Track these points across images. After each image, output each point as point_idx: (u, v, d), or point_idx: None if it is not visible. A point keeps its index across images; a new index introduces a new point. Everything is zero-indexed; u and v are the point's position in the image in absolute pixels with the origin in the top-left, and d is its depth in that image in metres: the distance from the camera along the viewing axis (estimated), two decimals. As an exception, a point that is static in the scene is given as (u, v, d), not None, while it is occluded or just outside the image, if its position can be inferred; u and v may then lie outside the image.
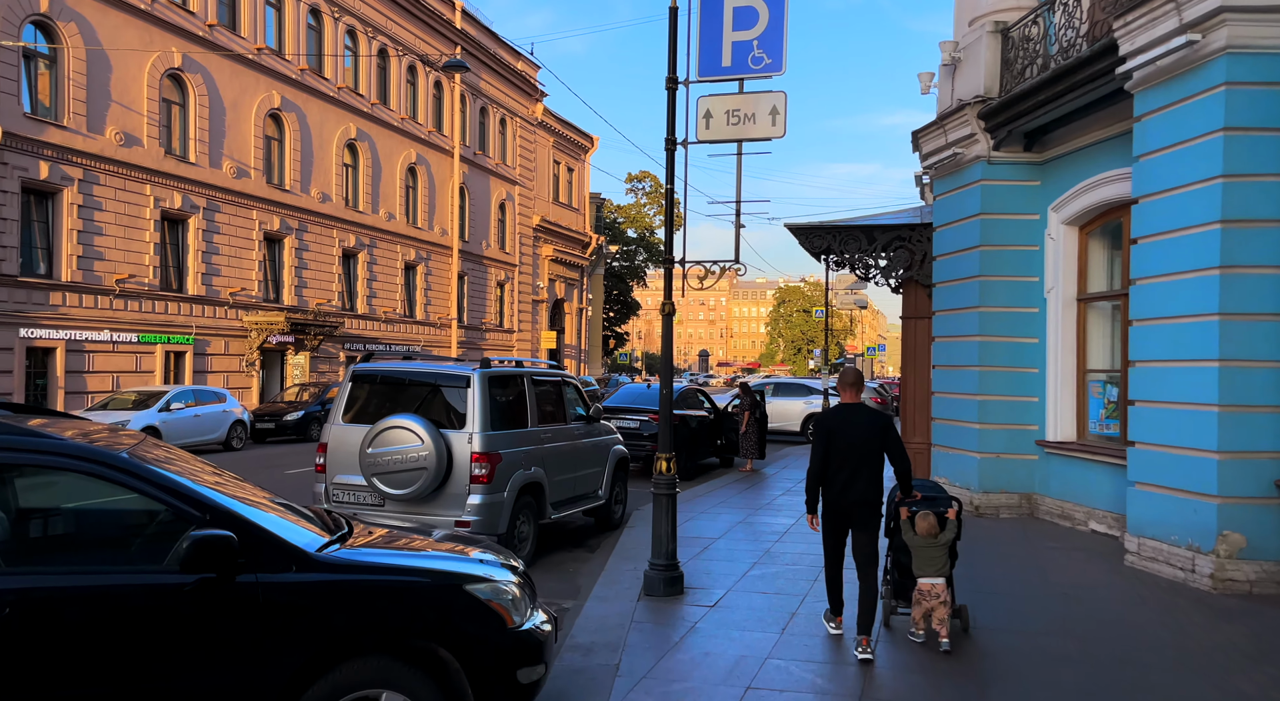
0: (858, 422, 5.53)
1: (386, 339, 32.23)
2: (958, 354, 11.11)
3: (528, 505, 8.01)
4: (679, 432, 14.52)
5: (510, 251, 41.52)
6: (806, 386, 22.79)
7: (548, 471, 8.37)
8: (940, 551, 5.57)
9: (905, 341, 13.25)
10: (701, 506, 11.32)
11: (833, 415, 5.68)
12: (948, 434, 11.32)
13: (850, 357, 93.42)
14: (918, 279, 12.67)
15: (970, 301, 10.79)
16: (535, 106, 43.35)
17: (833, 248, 13.06)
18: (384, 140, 31.95)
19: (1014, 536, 9.38)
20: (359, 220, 30.64)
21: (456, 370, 7.67)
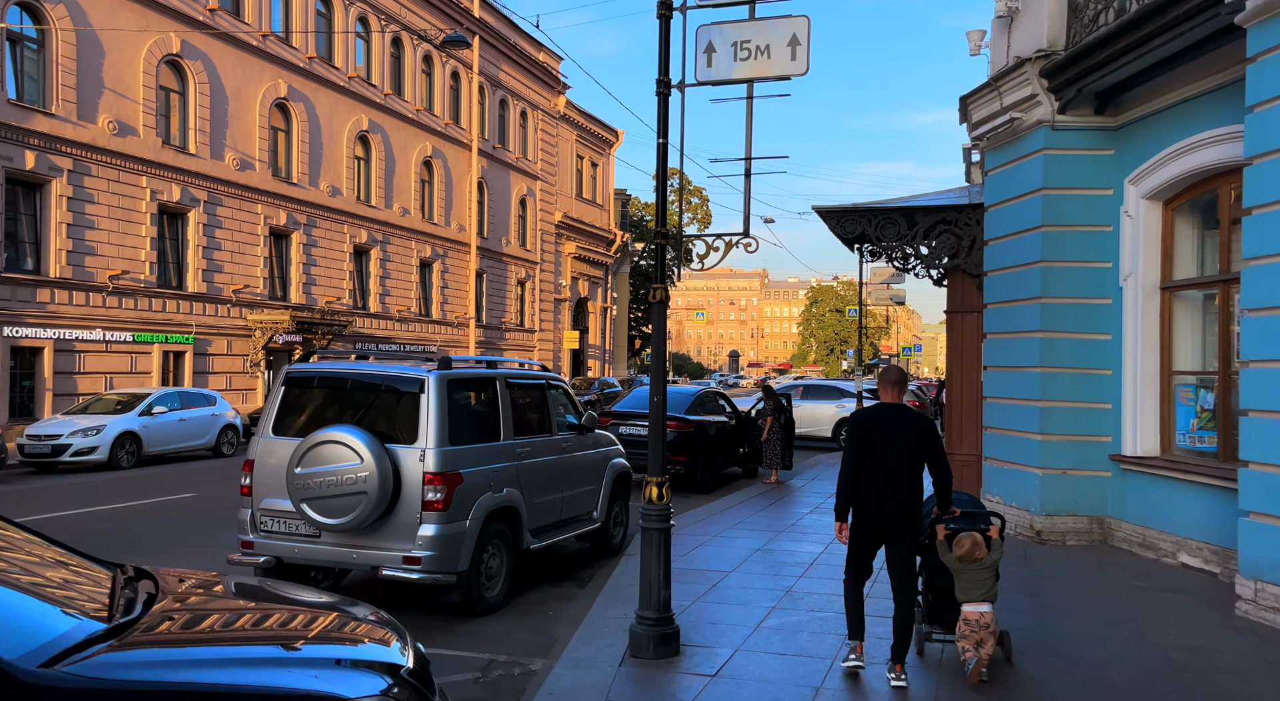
0: (898, 425, 4.98)
1: (400, 338, 31.15)
2: (1015, 353, 9.56)
3: (498, 534, 6.64)
4: (695, 440, 13.10)
5: (531, 249, 40.34)
6: (839, 389, 21.23)
7: (526, 492, 7.00)
8: (988, 574, 5.00)
9: (951, 339, 11.70)
10: (715, 528, 9.88)
11: (871, 414, 5.11)
12: (1002, 446, 9.77)
13: (885, 358, 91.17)
14: (965, 268, 11.12)
15: (1030, 292, 9.24)
16: (557, 99, 42.14)
17: (867, 233, 11.55)
18: (398, 132, 30.88)
19: (1087, 571, 7.83)
20: (371, 215, 29.59)
21: (408, 372, 6.32)
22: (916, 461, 4.97)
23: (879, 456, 4.94)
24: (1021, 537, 9.23)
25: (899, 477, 4.93)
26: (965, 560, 4.98)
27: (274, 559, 6.21)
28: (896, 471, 4.92)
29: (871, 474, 4.95)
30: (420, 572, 5.94)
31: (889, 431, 4.97)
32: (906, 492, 4.94)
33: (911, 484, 4.96)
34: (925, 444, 4.97)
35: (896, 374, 5.26)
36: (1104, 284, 9.01)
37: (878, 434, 4.98)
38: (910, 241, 11.38)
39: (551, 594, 7.27)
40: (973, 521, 5.25)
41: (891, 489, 4.92)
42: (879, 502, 4.95)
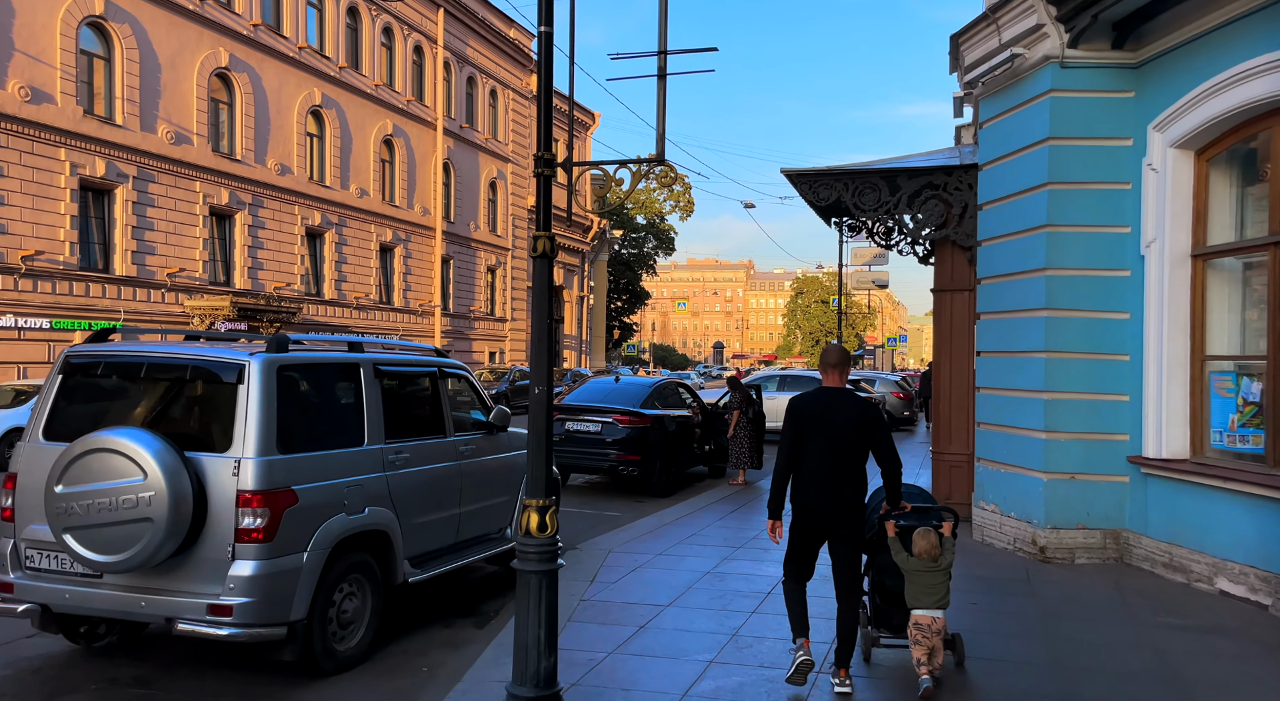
0: (841, 412, 4.55)
1: (359, 327, 29.48)
2: (1014, 335, 8.10)
3: (358, 567, 5.12)
4: (651, 437, 11.62)
5: (502, 234, 38.69)
6: (818, 380, 19.77)
7: (404, 511, 5.48)
8: (942, 577, 4.66)
9: (938, 321, 10.24)
10: (661, 543, 8.39)
11: (810, 400, 4.64)
12: (999, 445, 8.33)
13: (870, 349, 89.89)
14: (955, 239, 9.65)
15: (1033, 262, 7.78)
16: (530, 77, 40.39)
17: (844, 201, 10.05)
18: (355, 108, 29.13)
19: (1106, 602, 6.39)
20: (326, 196, 27.87)
21: (223, 355, 4.77)
22: (860, 452, 4.55)
23: (819, 447, 4.52)
24: (1022, 554, 7.79)
25: (841, 470, 4.51)
26: (923, 559, 4.61)
27: (39, 606, 4.66)
28: (838, 463, 4.51)
29: (811, 466, 4.53)
30: (232, 627, 4.41)
31: (830, 419, 4.52)
32: (849, 487, 4.53)
33: (854, 477, 4.55)
34: (870, 433, 4.54)
35: (837, 354, 4.74)
36: (1122, 252, 7.55)
37: (817, 422, 4.53)
38: (892, 209, 9.89)
39: (438, 638, 5.75)
40: (924, 517, 4.85)
41: (832, 483, 4.51)
42: (819, 498, 4.53)
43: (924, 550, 4.63)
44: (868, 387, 20.78)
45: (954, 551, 4.74)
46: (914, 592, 4.63)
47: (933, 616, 4.56)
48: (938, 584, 4.61)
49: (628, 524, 9.58)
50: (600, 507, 10.93)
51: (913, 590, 4.63)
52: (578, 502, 11.28)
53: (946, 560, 4.66)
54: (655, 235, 64.80)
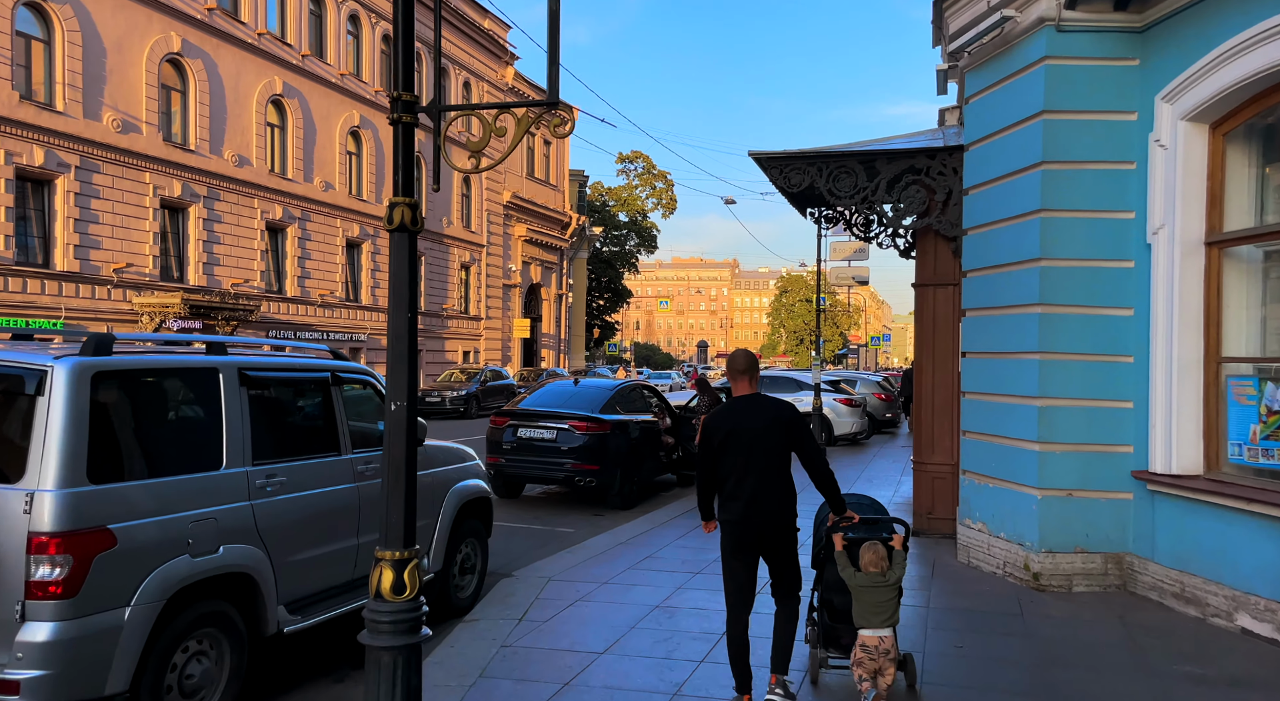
0: (756, 419, 4.31)
1: (323, 325, 28.42)
2: (1004, 334, 7.23)
3: (213, 618, 4.18)
4: (611, 445, 10.71)
5: (477, 230, 37.68)
6: (795, 380, 18.94)
7: (277, 546, 4.54)
8: (889, 594, 4.34)
9: (920, 319, 9.37)
10: (612, 567, 7.47)
11: (721, 415, 4.41)
12: (987, 456, 7.46)
13: (854, 348, 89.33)
14: (938, 229, 8.79)
15: (1025, 252, 6.92)
16: (505, 70, 39.42)
17: (818, 187, 9.16)
18: (319, 98, 28.06)
19: (1112, 640, 5.52)
20: (288, 189, 26.79)
21: (22, 359, 3.81)
22: (782, 459, 4.31)
23: (737, 461, 4.29)
24: (1014, 580, 6.93)
25: (763, 482, 4.27)
26: (870, 574, 4.35)
27: None
28: (760, 475, 4.27)
29: (733, 482, 4.31)
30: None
31: (745, 429, 4.29)
32: (773, 499, 4.29)
33: (780, 487, 4.30)
34: (790, 438, 4.31)
35: (744, 359, 4.51)
36: (1125, 240, 6.70)
37: (731, 435, 4.30)
38: (870, 196, 9.00)
39: (323, 698, 4.81)
40: (874, 529, 4.60)
41: (756, 497, 4.27)
42: (745, 512, 4.28)
43: (871, 564, 4.35)
44: (848, 388, 19.96)
45: (904, 566, 4.44)
46: (861, 610, 4.33)
47: (879, 636, 4.26)
48: (886, 601, 4.31)
49: (579, 543, 8.67)
50: (552, 522, 10.01)
51: (859, 608, 4.34)
52: (529, 516, 10.36)
53: (895, 575, 4.37)
54: (637, 232, 63.90)
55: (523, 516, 10.34)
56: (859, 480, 13.63)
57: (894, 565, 4.39)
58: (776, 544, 4.34)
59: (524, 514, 10.53)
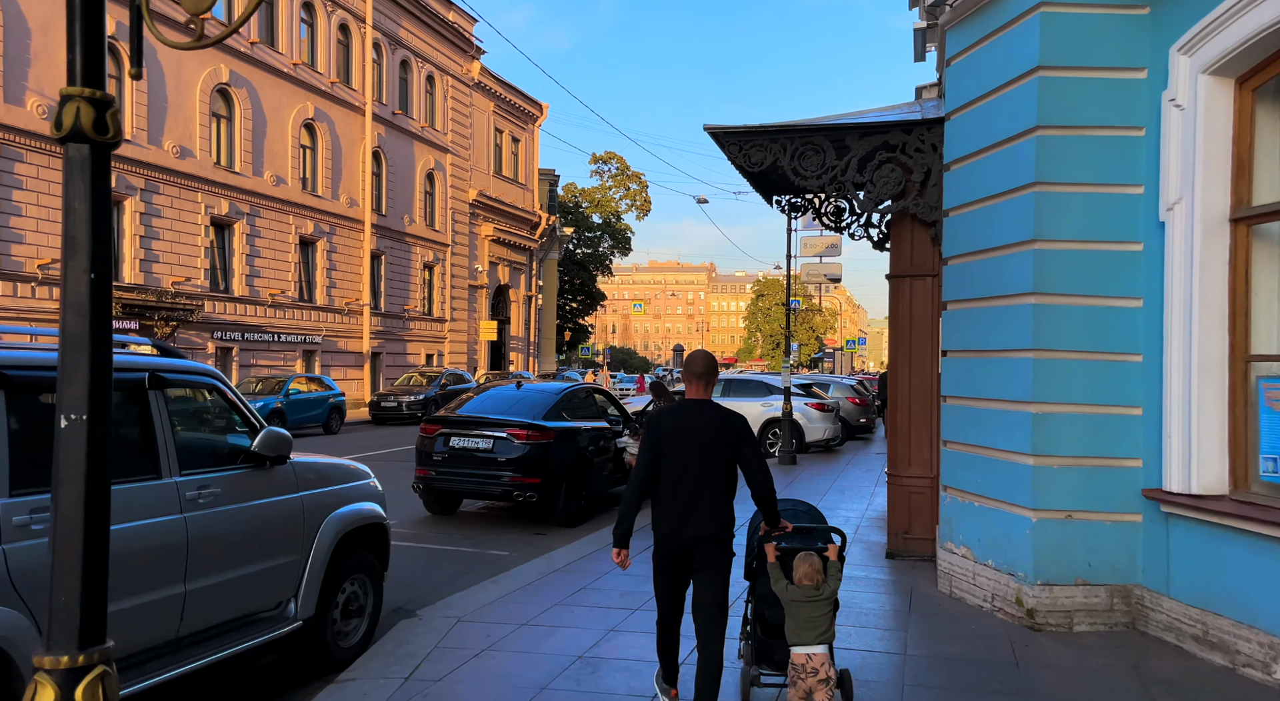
0: (701, 425, 4.06)
1: (275, 326, 27.09)
2: (992, 329, 6.24)
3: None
4: (555, 455, 9.63)
5: (441, 229, 36.42)
6: (765, 384, 17.94)
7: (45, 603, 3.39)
8: (823, 608, 4.05)
9: (895, 314, 8.38)
10: (538, 602, 6.38)
11: (669, 415, 4.13)
12: (971, 470, 6.46)
13: (829, 352, 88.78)
14: (915, 213, 7.81)
15: (1017, 232, 5.93)
16: (471, 64, 38.23)
17: (781, 165, 8.15)
18: (269, 88, 26.74)
19: (1122, 695, 4.52)
20: (235, 183, 25.44)
21: None
22: (725, 472, 4.06)
23: (676, 467, 4.01)
24: (1004, 616, 5.93)
25: (702, 494, 4.01)
26: (804, 587, 4.06)
27: None
28: (698, 486, 4.00)
29: (668, 489, 4.02)
30: None
31: (690, 434, 4.03)
32: (711, 513, 4.02)
33: (718, 502, 4.04)
34: (735, 449, 4.04)
35: (703, 362, 4.24)
36: (1133, 218, 5.73)
37: (676, 438, 4.03)
38: (840, 176, 8.00)
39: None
40: (808, 539, 4.37)
41: (693, 509, 3.99)
42: (677, 526, 4.00)
43: (805, 576, 4.09)
44: (821, 393, 19.00)
45: (840, 578, 4.17)
46: (793, 626, 4.07)
47: (809, 653, 4.00)
48: (820, 616, 4.06)
49: (510, 569, 7.58)
50: (486, 544, 8.90)
51: (791, 623, 4.08)
52: (461, 536, 9.25)
53: (830, 588, 4.11)
54: (611, 234, 62.90)
55: (453, 536, 9.23)
56: (830, 490, 12.64)
57: (829, 577, 4.10)
58: (709, 561, 4.04)
59: (456, 533, 9.41)
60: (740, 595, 4.95)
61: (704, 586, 4.05)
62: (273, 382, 21.44)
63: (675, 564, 4.07)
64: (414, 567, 7.81)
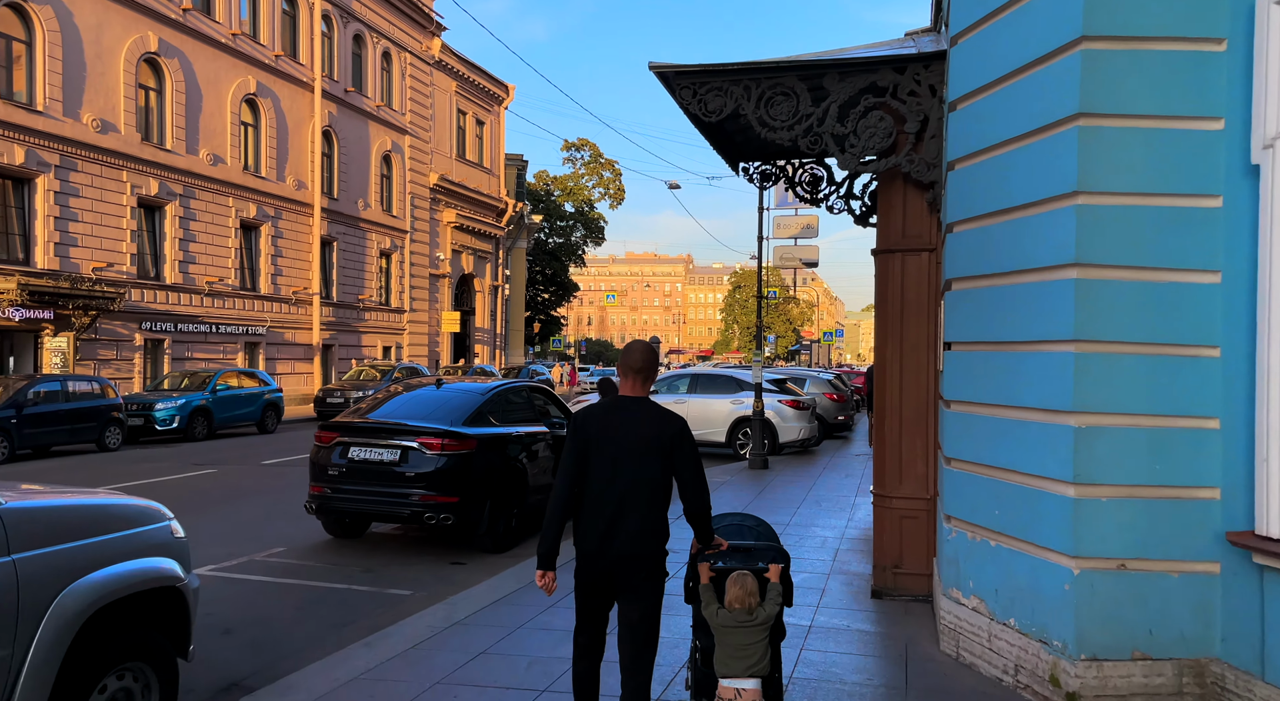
0: (634, 427, 3.62)
1: (213, 317, 25.24)
2: (1014, 314, 4.73)
3: None
4: (476, 466, 8.07)
5: (399, 214, 34.62)
6: (736, 379, 16.44)
7: None
8: (756, 636, 3.65)
9: (882, 298, 6.87)
10: (421, 676, 4.80)
11: (595, 415, 3.69)
12: (986, 499, 4.95)
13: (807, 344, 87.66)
14: (909, 171, 6.30)
15: (1052, 184, 4.42)
16: (431, 41, 36.38)
17: (744, 112, 6.60)
18: (205, 61, 24.81)
19: None
20: (166, 161, 23.54)
21: None
22: (658, 482, 3.60)
23: (602, 474, 3.56)
24: (1033, 697, 4.44)
25: (630, 506, 3.55)
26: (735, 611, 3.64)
27: None
28: (627, 497, 3.54)
29: (593, 500, 3.58)
30: None
31: (620, 438, 3.58)
32: (641, 528, 3.57)
33: (648, 515, 3.58)
34: (670, 456, 3.59)
35: (641, 356, 3.71)
36: (1210, 163, 4.24)
37: (604, 442, 3.58)
38: (816, 127, 6.45)
39: None
40: (748, 558, 3.88)
41: (620, 523, 3.54)
42: (601, 542, 3.56)
43: (736, 599, 3.65)
44: (795, 388, 17.54)
45: (779, 603, 3.69)
46: (723, 655, 3.64)
47: (739, 688, 3.58)
48: (753, 644, 3.62)
49: (407, 616, 6.03)
50: (387, 578, 7.32)
51: (721, 652, 3.65)
52: (359, 568, 7.66)
53: (765, 613, 3.64)
54: (584, 224, 61.26)
55: (348, 569, 7.63)
56: (805, 501, 11.17)
57: (765, 601, 3.72)
58: (638, 583, 3.60)
59: (353, 564, 7.82)
60: None
61: (631, 612, 3.64)
62: (200, 378, 19.66)
63: (599, 585, 3.65)
64: (281, 617, 6.22)
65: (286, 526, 9.11)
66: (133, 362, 22.49)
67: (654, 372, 3.81)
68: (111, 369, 21.73)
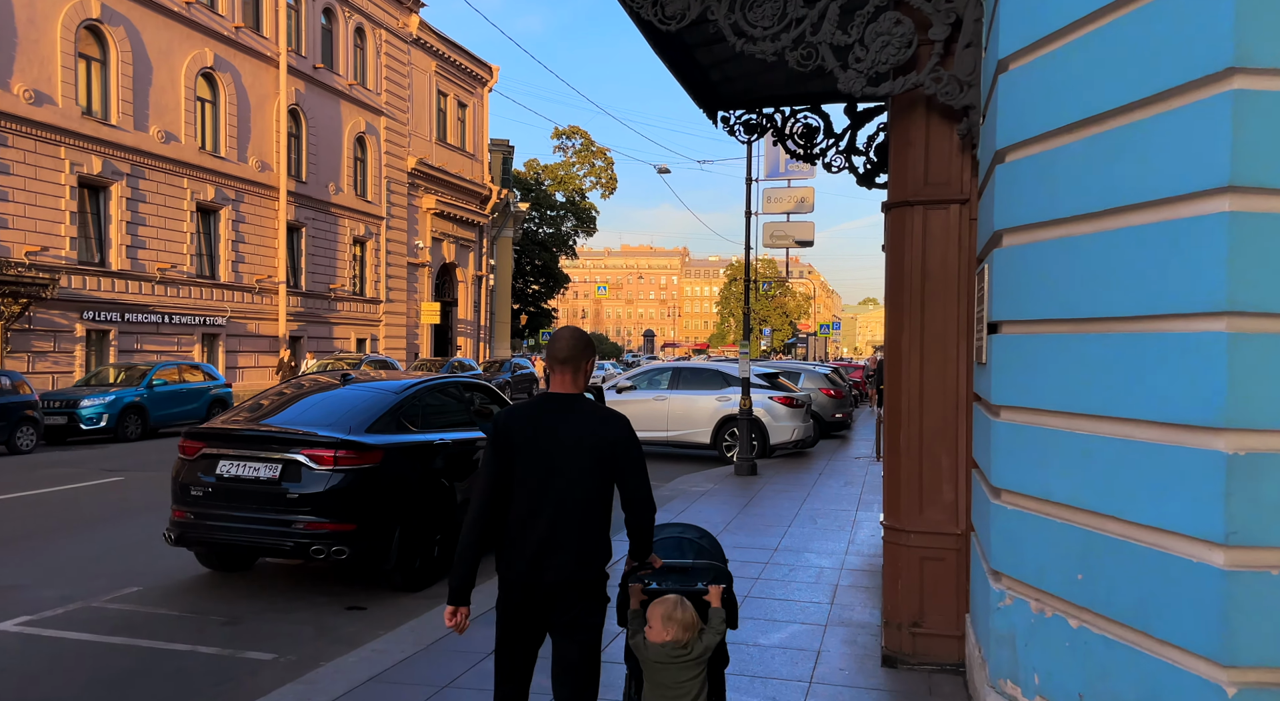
0: (568, 428, 3.03)
1: (164, 306, 23.52)
2: (1113, 275, 3.05)
3: None
4: (380, 485, 6.38)
5: (374, 200, 32.89)
6: (723, 374, 14.78)
7: None
8: (690, 671, 3.11)
9: (896, 267, 5.19)
10: None
11: (520, 416, 3.08)
12: (1068, 556, 3.29)
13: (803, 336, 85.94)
14: (935, 93, 4.62)
15: (1195, 60, 2.73)
16: (408, 18, 34.60)
17: (713, 14, 4.93)
18: (155, 30, 23.05)
19: None
20: (111, 138, 21.80)
21: None
22: (598, 494, 3.02)
23: (531, 487, 2.97)
24: None
25: (566, 524, 2.98)
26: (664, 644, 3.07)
27: None
28: (561, 514, 2.97)
29: (521, 519, 2.98)
30: None
31: (551, 442, 3.00)
32: (578, 550, 2.99)
33: (588, 534, 3.01)
34: (611, 461, 3.02)
35: (569, 343, 3.12)
36: None
37: (532, 447, 2.99)
38: (809, 37, 4.78)
39: None
40: (686, 579, 3.33)
41: (553, 544, 2.96)
42: (532, 569, 2.96)
43: (664, 629, 3.08)
44: (789, 384, 15.88)
45: (720, 632, 3.15)
46: (652, 695, 3.13)
47: None
48: (687, 682, 3.07)
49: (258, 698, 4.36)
50: (253, 635, 5.65)
51: (651, 691, 3.14)
52: (220, 617, 5.99)
53: (702, 646, 3.09)
54: (575, 214, 59.59)
55: (208, 619, 5.95)
56: (798, 518, 9.52)
57: (707, 631, 3.11)
58: (574, 615, 3.00)
59: (221, 610, 6.15)
60: None
61: (569, 650, 3.04)
62: (137, 372, 17.97)
63: (528, 619, 3.02)
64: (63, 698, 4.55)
65: (162, 555, 7.43)
66: (73, 355, 20.79)
67: (586, 362, 3.13)
68: (49, 362, 20.04)
